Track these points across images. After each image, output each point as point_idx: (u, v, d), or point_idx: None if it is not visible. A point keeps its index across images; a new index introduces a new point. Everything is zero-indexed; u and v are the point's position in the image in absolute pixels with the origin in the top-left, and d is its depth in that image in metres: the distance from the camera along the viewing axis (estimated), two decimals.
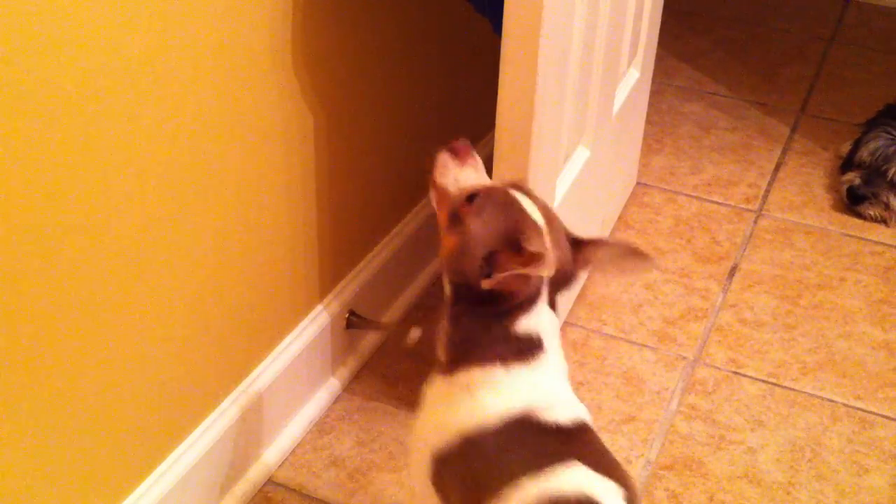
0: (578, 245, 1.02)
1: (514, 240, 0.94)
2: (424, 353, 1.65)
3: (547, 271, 0.91)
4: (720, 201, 2.11)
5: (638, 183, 2.15)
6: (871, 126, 2.14)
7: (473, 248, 0.96)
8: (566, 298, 1.69)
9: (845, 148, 2.21)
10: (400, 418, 1.54)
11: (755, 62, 2.71)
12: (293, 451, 1.47)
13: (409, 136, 1.65)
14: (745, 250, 1.96)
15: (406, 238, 1.70)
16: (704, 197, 2.12)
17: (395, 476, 1.45)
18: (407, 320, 1.72)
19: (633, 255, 1.01)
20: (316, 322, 1.49)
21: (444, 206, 1.01)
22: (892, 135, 2.06)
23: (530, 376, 0.97)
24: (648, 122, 2.16)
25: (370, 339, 1.65)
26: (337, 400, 1.57)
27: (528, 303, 0.97)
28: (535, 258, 0.91)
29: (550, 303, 0.99)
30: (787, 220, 2.06)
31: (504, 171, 1.30)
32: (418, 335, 1.54)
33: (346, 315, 1.55)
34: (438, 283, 1.81)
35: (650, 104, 2.12)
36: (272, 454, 1.44)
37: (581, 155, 1.61)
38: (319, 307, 1.50)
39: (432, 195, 1.04)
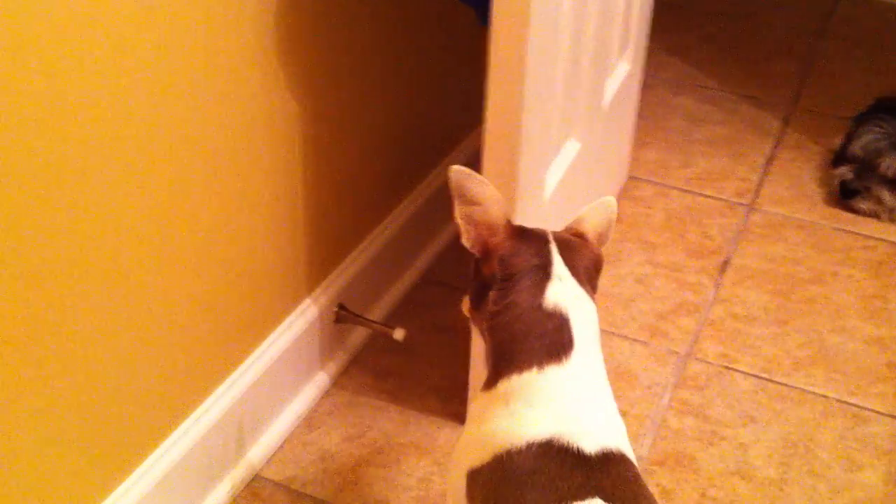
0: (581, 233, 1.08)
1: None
2: (414, 349, 1.63)
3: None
4: (711, 195, 2.09)
5: (629, 177, 2.13)
6: (862, 120, 2.13)
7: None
8: None
9: (837, 142, 2.20)
10: (389, 413, 1.53)
11: (746, 56, 2.70)
12: (281, 447, 1.46)
13: (398, 127, 1.63)
14: (736, 245, 1.95)
15: (396, 231, 1.68)
16: (696, 191, 2.11)
17: (383, 471, 1.43)
18: (395, 317, 1.70)
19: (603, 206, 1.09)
20: (304, 316, 1.47)
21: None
22: (884, 129, 2.05)
23: (564, 383, 0.94)
24: (639, 115, 2.14)
25: (359, 334, 1.63)
26: (325, 395, 1.55)
27: (539, 271, 0.98)
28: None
29: (581, 280, 1.00)
30: (779, 215, 2.05)
31: (493, 164, 1.28)
32: (403, 335, 1.52)
33: (335, 309, 1.54)
34: (428, 278, 1.81)
35: (641, 98, 2.11)
36: (260, 449, 1.43)
37: (572, 148, 1.60)
38: (308, 301, 1.49)
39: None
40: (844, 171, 2.07)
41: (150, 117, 1.06)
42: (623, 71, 1.88)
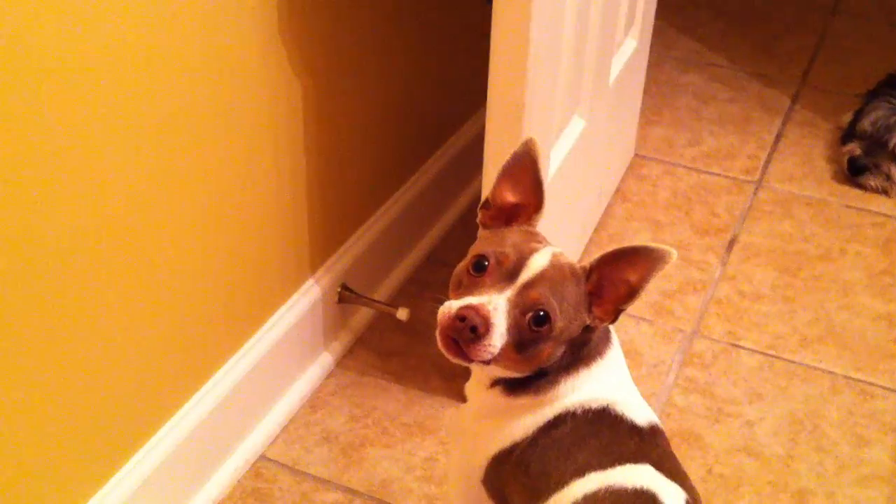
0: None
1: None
2: (417, 329, 1.63)
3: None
4: (719, 173, 2.08)
5: (636, 155, 2.12)
6: (872, 96, 2.12)
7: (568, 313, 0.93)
8: None
9: (846, 118, 2.18)
10: (393, 393, 1.52)
11: (756, 33, 2.67)
12: (285, 427, 1.46)
13: (403, 107, 1.62)
14: (744, 222, 1.93)
15: (400, 211, 1.68)
16: (703, 169, 2.09)
17: (387, 451, 1.43)
18: (399, 297, 1.69)
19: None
20: (307, 296, 1.47)
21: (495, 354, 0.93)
22: (893, 105, 2.04)
23: (608, 371, 0.99)
24: (647, 93, 2.13)
25: (363, 314, 1.63)
26: (329, 375, 1.55)
27: None
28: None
29: None
30: (787, 192, 2.03)
31: (496, 142, 1.27)
32: (407, 315, 1.52)
33: (339, 289, 1.53)
34: (432, 258, 1.80)
35: (649, 75, 2.09)
36: (264, 430, 1.43)
37: (577, 125, 1.58)
38: (311, 281, 1.48)
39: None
40: (853, 148, 2.05)
41: (155, 97, 1.05)
42: (630, 48, 1.86)
